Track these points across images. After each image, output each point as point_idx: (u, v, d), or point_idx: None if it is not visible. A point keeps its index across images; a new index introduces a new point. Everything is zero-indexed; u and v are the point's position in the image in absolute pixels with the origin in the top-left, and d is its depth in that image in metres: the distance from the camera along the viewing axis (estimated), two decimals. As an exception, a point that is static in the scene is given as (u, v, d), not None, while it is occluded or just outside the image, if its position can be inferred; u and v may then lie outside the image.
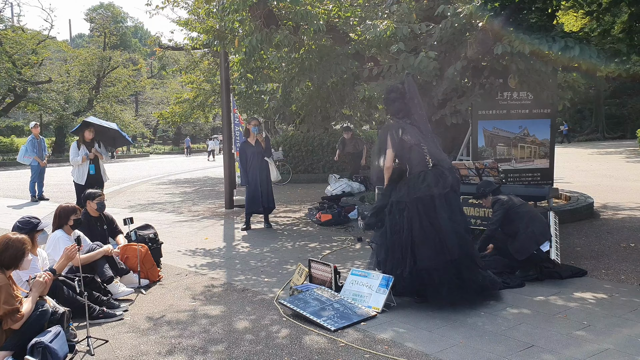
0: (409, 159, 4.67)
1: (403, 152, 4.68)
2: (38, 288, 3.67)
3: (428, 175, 4.53)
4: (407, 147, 4.65)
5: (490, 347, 3.64)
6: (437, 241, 4.37)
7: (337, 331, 4.00)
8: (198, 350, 3.76)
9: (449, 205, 4.45)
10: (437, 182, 4.48)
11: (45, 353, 3.38)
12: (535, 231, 5.14)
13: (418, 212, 4.44)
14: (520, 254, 5.12)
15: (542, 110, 8.09)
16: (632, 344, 3.61)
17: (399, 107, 4.84)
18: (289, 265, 5.95)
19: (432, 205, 4.42)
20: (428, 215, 4.41)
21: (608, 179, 13.72)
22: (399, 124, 4.78)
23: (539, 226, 5.20)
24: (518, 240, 5.15)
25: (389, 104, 4.96)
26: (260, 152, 8.21)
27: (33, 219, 4.34)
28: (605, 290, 4.80)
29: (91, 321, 4.26)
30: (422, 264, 4.39)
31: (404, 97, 4.83)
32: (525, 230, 5.13)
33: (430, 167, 4.60)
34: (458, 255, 4.36)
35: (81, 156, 8.09)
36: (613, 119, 37.23)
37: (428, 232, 4.39)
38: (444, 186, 4.46)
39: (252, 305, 4.67)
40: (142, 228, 6.17)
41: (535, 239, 5.12)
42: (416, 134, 4.70)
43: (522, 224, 5.17)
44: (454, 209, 4.50)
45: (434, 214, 4.41)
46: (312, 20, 7.18)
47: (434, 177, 4.51)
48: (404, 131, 4.70)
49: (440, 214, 4.39)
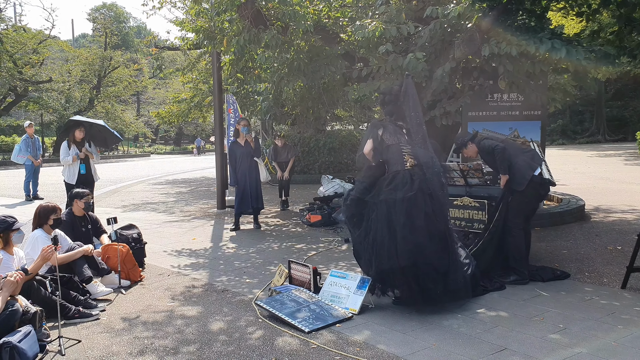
0: (386, 158, 4.72)
1: (382, 151, 4.76)
2: (9, 287, 3.67)
3: (397, 177, 4.52)
4: (385, 146, 4.73)
5: (462, 350, 3.62)
6: (389, 246, 4.34)
7: (311, 333, 3.98)
8: (169, 351, 3.75)
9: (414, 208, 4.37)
10: (403, 185, 4.44)
11: (13, 353, 3.36)
12: (527, 159, 5.23)
13: (380, 214, 4.45)
14: (519, 184, 5.15)
15: (533, 112, 8.06)
16: (606, 348, 3.58)
17: (391, 109, 4.94)
18: (272, 267, 5.93)
19: (393, 209, 4.39)
20: (387, 219, 4.41)
21: (604, 181, 13.66)
22: (381, 123, 4.90)
23: (528, 154, 5.33)
24: (513, 171, 5.20)
25: (382, 105, 5.08)
26: (249, 153, 8.20)
27: (9, 217, 4.34)
28: (586, 293, 4.77)
29: (67, 321, 4.27)
30: (380, 266, 4.40)
31: (398, 100, 4.89)
32: (517, 160, 5.20)
33: (407, 168, 4.57)
34: (407, 262, 4.27)
35: (72, 156, 8.09)
36: (615, 121, 37.08)
37: (383, 235, 4.40)
38: (410, 189, 4.40)
39: (229, 306, 4.65)
40: (125, 228, 6.17)
41: (529, 165, 5.18)
42: (397, 134, 4.77)
43: (513, 157, 5.23)
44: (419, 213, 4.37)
45: (392, 218, 4.39)
46: (300, 21, 7.16)
47: (403, 179, 4.49)
48: (385, 130, 4.80)
49: (396, 218, 4.36)
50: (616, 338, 3.74)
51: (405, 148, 4.70)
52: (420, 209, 4.38)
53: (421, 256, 4.31)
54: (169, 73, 21.07)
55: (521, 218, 5.20)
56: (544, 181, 5.22)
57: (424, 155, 4.66)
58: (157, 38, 18.83)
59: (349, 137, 16.26)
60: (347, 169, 15.65)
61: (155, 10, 12.83)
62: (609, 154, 24.17)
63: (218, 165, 10.65)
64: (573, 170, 16.79)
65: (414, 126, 4.78)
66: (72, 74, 33.13)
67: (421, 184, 4.45)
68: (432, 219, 4.41)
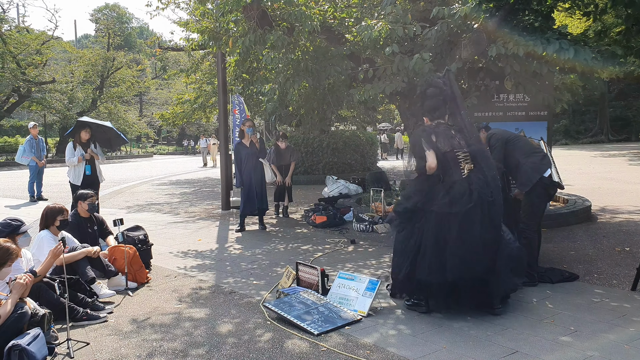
0: (441, 167, 4.31)
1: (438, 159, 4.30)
2: (18, 290, 3.65)
3: (454, 188, 4.23)
4: (440, 154, 4.29)
5: (473, 353, 3.59)
6: (433, 258, 4.17)
7: (320, 335, 3.96)
8: (178, 353, 3.73)
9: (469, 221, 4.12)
10: (461, 196, 4.17)
11: (22, 356, 3.35)
12: (536, 160, 5.10)
13: (429, 224, 4.23)
14: (524, 186, 5.09)
15: (539, 112, 8.02)
16: (617, 351, 3.55)
17: (435, 104, 4.44)
18: (279, 268, 5.91)
19: (445, 221, 4.17)
20: (437, 230, 4.18)
21: (609, 181, 13.62)
22: (432, 129, 4.40)
23: (538, 155, 5.17)
24: (520, 172, 5.12)
25: (424, 99, 4.53)
26: (254, 154, 8.18)
27: (14, 221, 4.33)
28: (595, 295, 4.74)
29: (74, 323, 4.25)
30: (419, 275, 4.25)
31: (443, 94, 4.46)
32: (525, 161, 5.09)
33: (464, 176, 4.28)
34: (452, 277, 4.11)
35: (77, 157, 8.08)
36: (618, 121, 36.99)
37: (427, 246, 4.21)
38: (468, 201, 4.13)
39: (237, 308, 4.64)
40: (132, 229, 6.16)
41: (537, 167, 5.06)
42: (449, 138, 4.35)
43: (521, 156, 5.13)
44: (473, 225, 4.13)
45: (442, 230, 4.16)
46: (307, 21, 7.14)
47: (460, 191, 4.20)
48: (438, 136, 4.33)
49: (448, 231, 4.13)
50: (628, 341, 3.71)
51: (461, 153, 4.35)
52: (476, 220, 4.15)
53: (468, 272, 4.12)
54: (173, 74, 21.05)
55: (534, 220, 5.16)
56: (553, 183, 5.19)
57: (482, 157, 4.37)
58: (161, 39, 18.80)
59: (352, 138, 16.22)
60: (350, 170, 15.63)
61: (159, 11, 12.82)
62: (613, 154, 24.09)
63: (222, 165, 10.64)
64: (577, 170, 16.74)
65: (467, 125, 4.46)
66: (75, 75, 33.17)
67: (481, 193, 4.19)
68: (487, 226, 4.17)
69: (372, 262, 6.11)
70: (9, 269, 3.78)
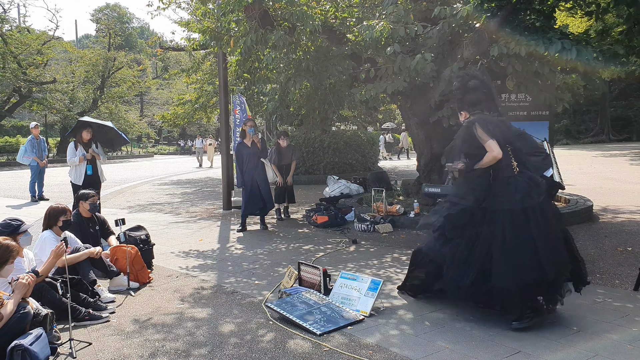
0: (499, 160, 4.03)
1: None
2: (21, 290, 3.65)
3: (519, 183, 3.99)
4: (502, 144, 4.03)
5: (476, 353, 3.59)
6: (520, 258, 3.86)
7: (323, 335, 3.96)
8: (181, 353, 3.73)
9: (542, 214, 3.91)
10: (529, 191, 3.94)
11: (24, 356, 3.35)
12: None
13: (503, 224, 3.93)
14: None
15: (540, 112, 8.03)
16: (620, 351, 3.55)
17: (478, 97, 4.20)
18: (280, 268, 5.91)
19: (523, 218, 3.89)
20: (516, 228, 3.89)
21: (611, 181, 13.61)
22: (487, 119, 4.09)
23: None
24: None
25: (465, 93, 4.27)
26: (256, 153, 8.18)
27: (14, 221, 4.32)
28: (598, 295, 4.73)
29: (77, 323, 4.25)
30: (498, 282, 3.91)
31: (485, 86, 4.23)
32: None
33: (516, 173, 4.07)
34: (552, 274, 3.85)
35: (78, 157, 8.08)
36: (619, 121, 37.00)
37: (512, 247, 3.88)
38: (538, 195, 3.92)
39: (239, 308, 4.63)
40: (133, 229, 6.16)
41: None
42: (503, 132, 4.10)
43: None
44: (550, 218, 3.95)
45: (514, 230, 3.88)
46: (308, 21, 7.14)
47: (526, 186, 3.97)
48: (494, 127, 4.04)
49: (531, 229, 3.86)
50: (631, 341, 3.71)
51: (510, 148, 4.12)
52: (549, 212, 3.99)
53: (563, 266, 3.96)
54: (174, 74, 21.07)
55: None
56: (555, 184, 5.17)
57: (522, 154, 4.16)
58: (162, 39, 18.80)
59: (353, 138, 16.22)
60: (351, 169, 15.63)
61: (159, 11, 12.82)
62: (614, 154, 24.09)
63: (224, 165, 10.64)
64: (578, 170, 16.73)
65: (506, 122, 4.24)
66: (75, 75, 33.19)
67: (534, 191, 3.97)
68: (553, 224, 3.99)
69: (374, 262, 6.10)
70: (11, 266, 3.77)
